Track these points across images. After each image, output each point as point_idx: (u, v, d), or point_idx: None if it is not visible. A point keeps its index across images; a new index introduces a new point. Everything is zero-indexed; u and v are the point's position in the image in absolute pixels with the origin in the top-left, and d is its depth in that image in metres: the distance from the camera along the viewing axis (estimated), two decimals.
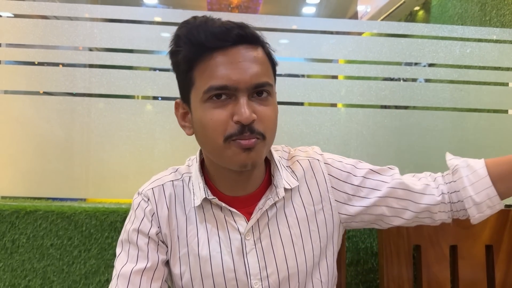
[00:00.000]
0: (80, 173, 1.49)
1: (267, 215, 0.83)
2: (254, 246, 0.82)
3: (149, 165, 1.50)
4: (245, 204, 0.83)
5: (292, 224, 0.84)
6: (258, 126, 0.73)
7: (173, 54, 0.77)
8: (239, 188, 0.83)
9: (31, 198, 1.49)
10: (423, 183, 0.87)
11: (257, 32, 0.77)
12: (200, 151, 0.87)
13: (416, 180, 0.88)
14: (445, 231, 1.18)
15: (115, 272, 0.80)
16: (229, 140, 0.73)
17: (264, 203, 0.82)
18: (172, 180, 0.86)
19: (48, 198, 1.50)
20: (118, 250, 0.83)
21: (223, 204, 0.81)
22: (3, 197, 1.49)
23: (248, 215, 0.82)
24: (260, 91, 0.75)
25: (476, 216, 0.83)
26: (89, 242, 1.30)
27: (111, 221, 1.30)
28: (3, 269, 1.29)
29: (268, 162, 0.87)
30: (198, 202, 0.81)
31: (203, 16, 0.74)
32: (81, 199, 1.56)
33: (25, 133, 1.49)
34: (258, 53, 0.76)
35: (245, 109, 0.71)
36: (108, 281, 1.29)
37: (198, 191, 0.82)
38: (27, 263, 1.30)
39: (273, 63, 0.81)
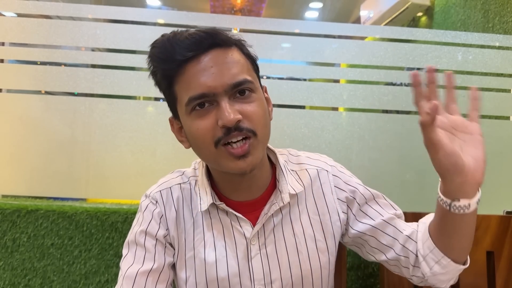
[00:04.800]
0: (82, 173, 1.49)
1: (273, 220, 0.83)
2: (259, 251, 0.82)
3: (150, 166, 1.50)
4: (252, 209, 0.83)
5: (297, 232, 0.84)
6: (246, 125, 0.73)
7: (152, 74, 0.78)
8: (244, 193, 0.83)
9: (32, 197, 1.49)
10: (413, 228, 0.86)
11: (228, 33, 0.77)
12: None
13: (408, 225, 0.87)
14: None
15: (120, 273, 0.79)
16: (219, 144, 0.73)
17: (269, 208, 0.82)
18: (180, 183, 0.87)
19: (49, 198, 1.50)
20: (124, 252, 0.83)
21: (230, 210, 0.81)
22: (4, 196, 1.49)
23: (254, 220, 0.82)
24: (242, 90, 0.74)
25: (427, 272, 0.80)
26: (90, 242, 1.30)
27: (112, 221, 1.30)
28: (4, 268, 1.29)
29: (274, 166, 0.87)
30: (205, 207, 0.81)
31: (171, 32, 0.76)
32: (82, 199, 1.55)
33: (27, 132, 1.49)
34: (232, 53, 0.75)
35: (227, 111, 0.71)
36: (108, 281, 1.29)
37: (205, 196, 0.82)
38: (28, 262, 1.29)
39: (252, 60, 0.80)
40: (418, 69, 1.77)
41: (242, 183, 0.82)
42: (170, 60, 0.73)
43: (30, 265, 1.29)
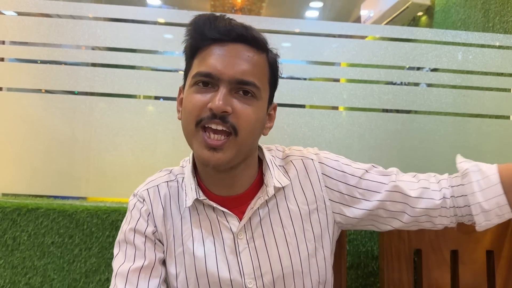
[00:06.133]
0: (82, 171, 1.49)
1: (259, 214, 0.83)
2: (247, 245, 0.82)
3: (151, 165, 1.50)
4: (238, 204, 0.84)
5: (286, 224, 0.84)
6: (231, 119, 0.74)
7: (184, 43, 0.82)
8: (227, 188, 0.84)
9: (32, 195, 1.49)
10: (421, 187, 0.85)
11: (268, 42, 0.80)
12: None
13: (414, 183, 0.86)
14: (446, 236, 1.18)
15: (113, 273, 0.81)
16: (199, 126, 0.75)
17: (255, 202, 0.83)
18: (167, 181, 0.88)
19: (49, 196, 1.50)
20: (115, 251, 0.84)
21: (215, 205, 0.82)
22: (4, 194, 1.49)
23: (241, 215, 0.83)
24: (245, 90, 0.76)
25: (482, 224, 0.81)
26: (90, 240, 1.30)
27: (112, 220, 1.30)
28: (4, 266, 1.29)
29: (261, 162, 0.88)
30: (190, 202, 0.82)
31: (219, 14, 0.78)
32: (82, 198, 1.56)
33: (27, 131, 1.49)
34: (257, 57, 0.78)
35: (220, 98, 0.73)
36: (108, 280, 1.29)
37: (190, 191, 0.83)
38: (28, 260, 1.30)
39: (273, 73, 0.83)
40: (418, 68, 1.77)
41: (223, 179, 0.82)
42: (201, 35, 0.77)
43: (31, 263, 1.29)
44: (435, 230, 1.17)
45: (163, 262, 0.85)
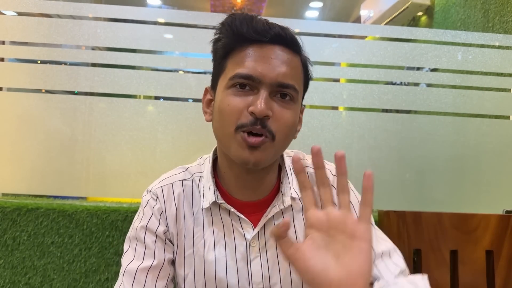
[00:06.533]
0: (82, 171, 1.49)
1: (273, 223, 0.82)
2: (259, 254, 0.81)
3: (150, 165, 1.50)
4: (255, 210, 0.82)
5: (300, 237, 0.82)
6: (270, 124, 0.73)
7: (215, 41, 0.80)
8: (249, 192, 0.82)
9: (32, 195, 1.49)
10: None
11: (299, 40, 0.79)
12: (215, 150, 0.87)
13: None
14: (445, 236, 1.18)
15: (121, 269, 0.80)
16: (239, 130, 0.73)
17: (270, 210, 0.81)
18: (182, 180, 0.86)
19: (49, 196, 1.50)
20: (125, 247, 0.83)
21: (232, 209, 0.80)
22: (4, 195, 1.49)
23: (256, 222, 0.81)
24: (284, 93, 0.75)
25: None
26: (90, 240, 1.30)
27: (112, 220, 1.30)
28: (4, 266, 1.29)
29: (281, 168, 0.86)
30: (207, 204, 0.81)
31: (253, 14, 0.77)
32: (82, 198, 1.56)
33: (27, 131, 1.49)
34: (294, 58, 0.77)
35: (261, 102, 0.71)
36: (108, 280, 1.29)
37: (208, 193, 0.82)
38: (28, 260, 1.30)
39: (306, 76, 0.82)
40: (418, 68, 1.78)
41: (249, 181, 0.81)
42: (237, 35, 0.75)
43: (30, 263, 1.29)
44: (435, 230, 1.18)
45: (172, 262, 0.84)
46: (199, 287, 0.81)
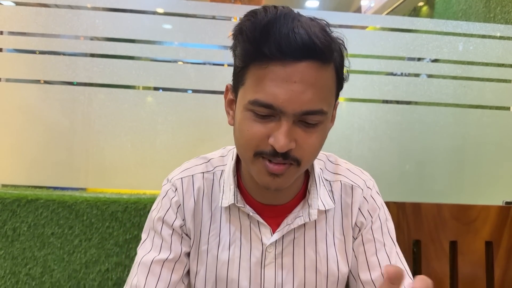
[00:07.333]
0: (81, 162, 1.49)
1: (294, 231, 0.79)
2: (274, 261, 0.79)
3: (150, 156, 1.50)
4: (276, 214, 0.79)
5: (320, 250, 0.80)
6: (294, 153, 0.67)
7: (233, 43, 0.71)
8: (270, 197, 0.79)
9: (32, 186, 1.49)
10: None
11: (333, 40, 0.67)
12: None
13: None
14: (445, 227, 1.18)
15: (136, 259, 0.79)
16: (259, 156, 0.68)
17: (293, 219, 0.78)
18: (203, 172, 0.82)
19: (49, 187, 1.50)
20: (143, 236, 0.81)
21: (251, 213, 0.78)
22: (4, 185, 1.49)
23: (275, 226, 0.79)
24: (310, 119, 0.67)
25: None
26: (90, 231, 1.30)
27: (112, 211, 1.30)
28: (4, 257, 1.30)
29: (307, 173, 0.82)
30: (226, 203, 0.78)
31: (274, 9, 0.64)
32: (82, 189, 1.56)
33: (26, 122, 1.48)
34: (324, 73, 0.65)
35: (283, 137, 0.64)
36: (108, 270, 1.29)
37: (228, 192, 0.79)
38: (28, 251, 1.30)
39: (339, 83, 0.71)
40: (419, 59, 1.77)
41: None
42: (257, 47, 0.63)
43: (31, 254, 1.30)
44: (434, 221, 1.18)
45: (188, 255, 0.82)
46: (209, 286, 0.80)
